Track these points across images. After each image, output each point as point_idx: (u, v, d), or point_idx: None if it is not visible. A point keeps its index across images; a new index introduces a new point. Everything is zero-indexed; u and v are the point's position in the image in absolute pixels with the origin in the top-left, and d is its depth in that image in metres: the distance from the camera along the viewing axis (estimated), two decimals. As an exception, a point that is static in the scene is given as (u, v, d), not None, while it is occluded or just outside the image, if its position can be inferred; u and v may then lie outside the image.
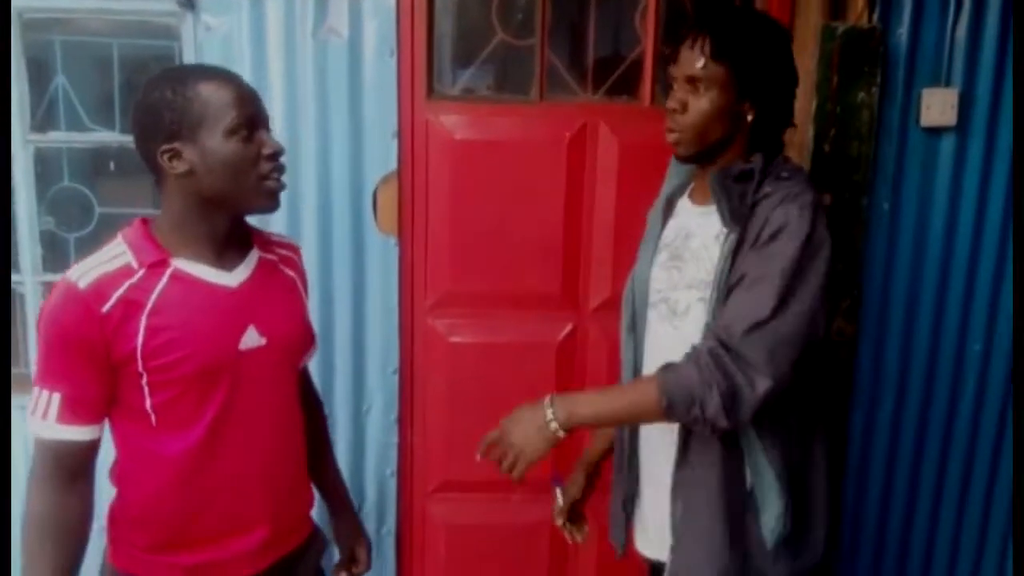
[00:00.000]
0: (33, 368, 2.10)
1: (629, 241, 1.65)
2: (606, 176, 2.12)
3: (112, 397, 1.22)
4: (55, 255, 2.13)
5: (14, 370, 2.15)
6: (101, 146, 2.10)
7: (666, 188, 1.54)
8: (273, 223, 2.04)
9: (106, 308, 1.15)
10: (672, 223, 1.50)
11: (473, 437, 2.23)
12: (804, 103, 2.01)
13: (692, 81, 1.33)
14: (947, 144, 2.09)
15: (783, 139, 1.42)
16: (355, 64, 2.01)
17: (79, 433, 1.20)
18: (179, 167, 1.19)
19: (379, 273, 2.11)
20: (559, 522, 1.69)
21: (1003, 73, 2.07)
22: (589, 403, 1.30)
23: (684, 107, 1.34)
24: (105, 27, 2.10)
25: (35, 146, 2.05)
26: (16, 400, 2.10)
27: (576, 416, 1.28)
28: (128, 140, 2.04)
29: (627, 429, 1.54)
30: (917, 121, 2.06)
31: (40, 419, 1.19)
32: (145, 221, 1.27)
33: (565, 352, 2.22)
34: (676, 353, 1.38)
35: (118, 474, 1.30)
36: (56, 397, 1.18)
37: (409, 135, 2.08)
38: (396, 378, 2.18)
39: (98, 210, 2.16)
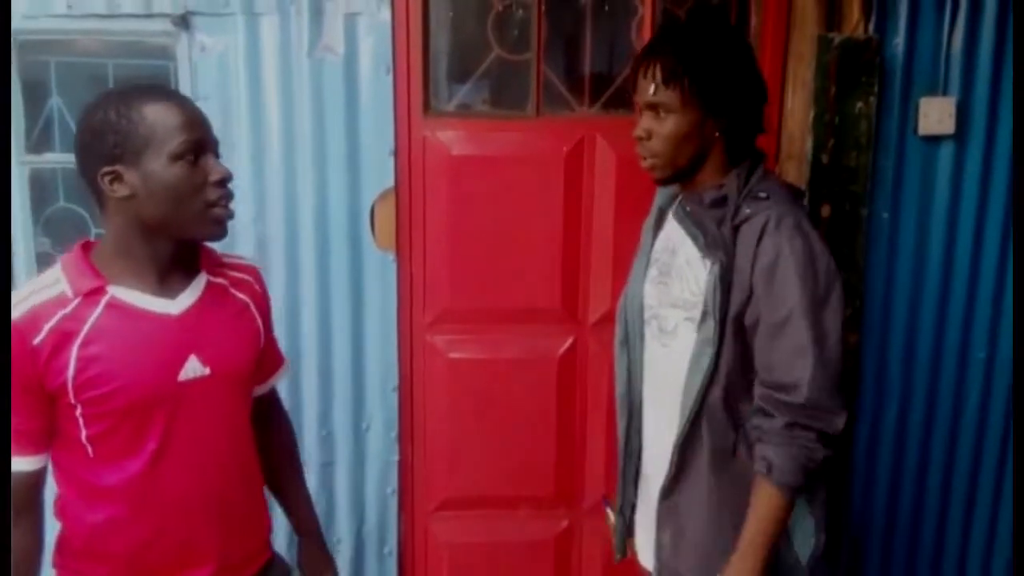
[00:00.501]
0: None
1: (628, 254, 1.63)
2: (604, 190, 2.11)
3: (53, 428, 1.18)
4: (51, 277, 2.11)
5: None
6: (97, 167, 2.09)
7: (659, 199, 1.54)
8: (272, 241, 2.04)
9: (38, 340, 1.11)
10: (661, 235, 1.50)
11: (474, 454, 2.24)
12: (802, 114, 2.01)
13: (652, 108, 1.33)
14: (945, 152, 2.09)
15: (760, 147, 1.42)
16: (351, 82, 2.01)
17: (21, 464, 1.15)
18: (120, 191, 1.14)
19: (378, 290, 2.10)
20: (616, 542, 1.65)
21: (1000, 80, 2.07)
22: (750, 555, 1.27)
23: (649, 134, 1.34)
24: (100, 48, 2.09)
25: (30, 167, 2.04)
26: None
27: (754, 571, 1.27)
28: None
29: (623, 444, 1.54)
30: (915, 130, 2.06)
31: None
32: (86, 246, 1.22)
33: (566, 366, 2.21)
34: (668, 374, 1.41)
35: (60, 507, 1.26)
36: None
37: (406, 152, 2.07)
38: (396, 395, 2.17)
39: (94, 231, 2.14)
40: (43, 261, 2.10)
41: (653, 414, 1.48)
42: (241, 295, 1.32)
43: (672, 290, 1.40)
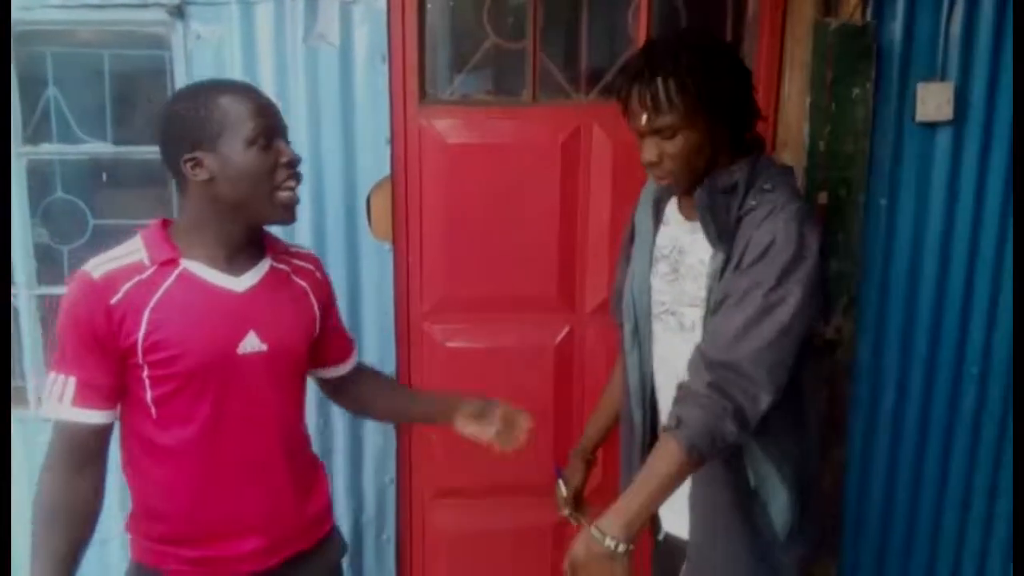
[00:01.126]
0: (29, 380, 2.11)
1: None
2: (600, 178, 2.11)
3: (123, 386, 1.27)
4: (49, 267, 2.12)
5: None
6: (93, 157, 2.09)
7: (652, 191, 1.53)
8: (268, 230, 2.03)
9: (114, 300, 1.22)
10: (664, 231, 1.50)
11: (471, 441, 2.23)
12: (798, 100, 2.00)
13: (656, 132, 1.32)
14: (943, 138, 2.08)
15: (761, 135, 1.43)
16: (347, 70, 2.00)
17: (91, 416, 1.25)
18: (200, 175, 1.24)
19: (374, 279, 2.10)
20: (565, 512, 1.71)
21: (999, 66, 2.05)
22: (633, 506, 1.23)
23: (660, 158, 1.34)
24: (96, 38, 2.10)
25: (28, 158, 2.05)
26: (12, 413, 2.11)
27: (632, 524, 1.22)
28: (120, 151, 2.07)
29: (640, 438, 1.54)
30: (913, 116, 2.05)
31: (56, 402, 1.25)
32: (165, 222, 1.33)
33: (563, 354, 2.21)
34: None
35: (129, 466, 1.35)
36: (71, 381, 1.24)
37: (402, 140, 2.07)
38: (394, 384, 2.17)
39: (92, 221, 2.15)
40: (41, 252, 2.11)
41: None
42: (301, 281, 1.42)
43: (686, 289, 1.42)
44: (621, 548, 1.21)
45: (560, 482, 1.72)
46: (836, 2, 1.98)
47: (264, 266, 1.36)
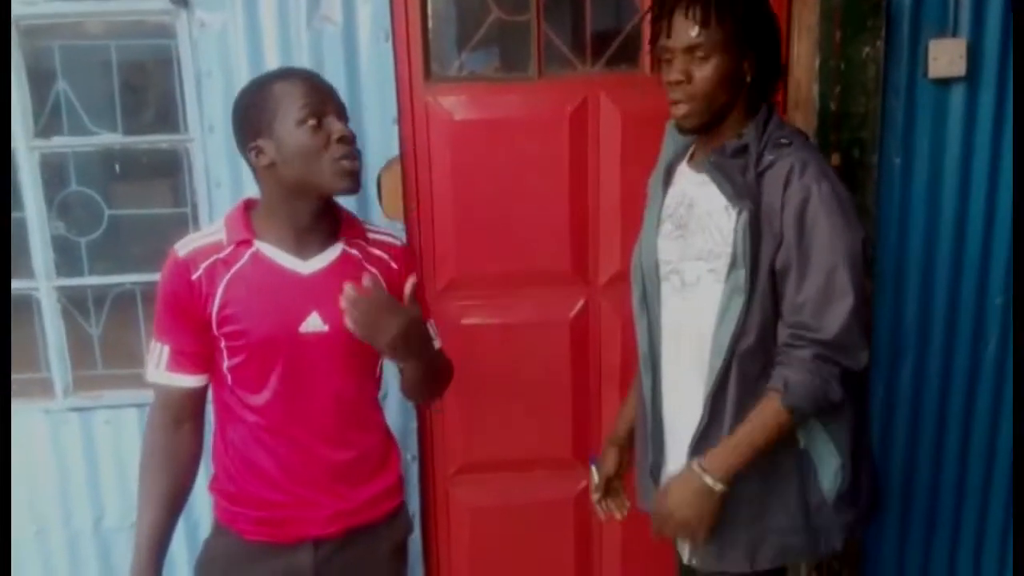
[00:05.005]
0: (54, 371, 2.15)
1: (636, 213, 1.64)
2: (610, 148, 2.10)
3: (211, 354, 1.39)
4: (67, 259, 2.14)
5: (33, 375, 2.18)
6: (106, 149, 2.11)
7: (664, 155, 1.53)
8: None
9: (195, 275, 1.33)
10: (672, 191, 1.49)
11: (491, 417, 2.25)
12: (808, 61, 1.98)
13: (691, 50, 1.32)
14: (957, 95, 2.05)
15: (777, 96, 1.45)
16: (351, 51, 2.00)
17: (184, 380, 1.38)
18: (263, 160, 1.32)
19: (388, 259, 2.11)
20: (595, 498, 1.73)
21: (1011, 21, 2.01)
22: (733, 450, 1.33)
23: (689, 77, 1.33)
24: (102, 29, 2.10)
25: (40, 152, 2.06)
26: (36, 405, 2.15)
27: (732, 468, 1.33)
28: (131, 141, 2.08)
29: (650, 404, 1.54)
30: (925, 73, 2.02)
31: (153, 367, 1.39)
32: (248, 204, 1.42)
33: (578, 328, 2.21)
34: (686, 325, 1.42)
35: (214, 428, 1.47)
36: (165, 349, 1.37)
37: (409, 119, 2.07)
38: (411, 363, 2.18)
39: (107, 212, 2.16)
40: (58, 244, 2.13)
41: (675, 369, 1.49)
42: (372, 268, 1.42)
43: (693, 243, 1.41)
44: (719, 487, 1.32)
45: (593, 468, 1.73)
46: (844, -40, 1.94)
47: (336, 250, 1.41)
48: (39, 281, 2.11)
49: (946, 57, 2.00)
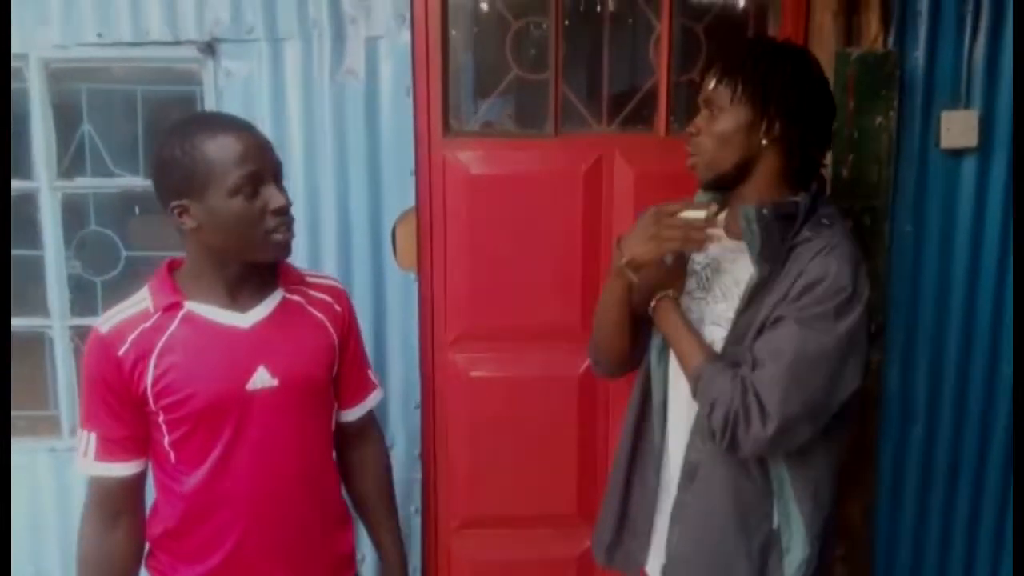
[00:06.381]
0: (64, 409, 2.15)
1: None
2: (623, 207, 2.12)
3: (146, 435, 1.29)
4: (83, 298, 2.16)
5: (41, 412, 2.18)
6: (126, 190, 2.14)
7: None
8: (295, 261, 2.05)
9: (122, 351, 1.23)
10: (700, 254, 1.49)
11: (496, 472, 2.24)
12: (821, 129, 2.00)
13: (707, 104, 1.36)
14: (969, 165, 2.07)
15: (823, 176, 1.41)
16: (372, 104, 2.04)
17: (114, 469, 1.27)
18: (188, 223, 1.24)
19: (399, 309, 2.12)
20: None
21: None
22: (672, 323, 1.39)
23: (699, 130, 1.37)
24: (129, 74, 2.15)
25: (62, 192, 2.10)
26: (43, 443, 2.14)
27: (661, 320, 1.41)
28: (151, 184, 2.11)
29: (655, 446, 1.52)
30: (937, 143, 2.04)
31: (82, 457, 1.28)
32: (172, 265, 1.33)
33: (586, 385, 2.20)
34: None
35: (153, 507, 1.36)
36: (93, 436, 1.26)
37: (426, 172, 2.10)
38: (418, 413, 2.18)
39: (124, 253, 2.19)
40: (75, 283, 2.15)
41: (682, 427, 1.47)
42: (317, 313, 1.39)
43: (715, 308, 1.41)
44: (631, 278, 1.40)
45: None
46: (858, 31, 1.98)
47: (275, 298, 1.34)
48: (53, 319, 2.12)
49: (958, 128, 2.03)
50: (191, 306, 1.28)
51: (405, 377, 2.15)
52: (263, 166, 1.24)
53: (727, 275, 1.40)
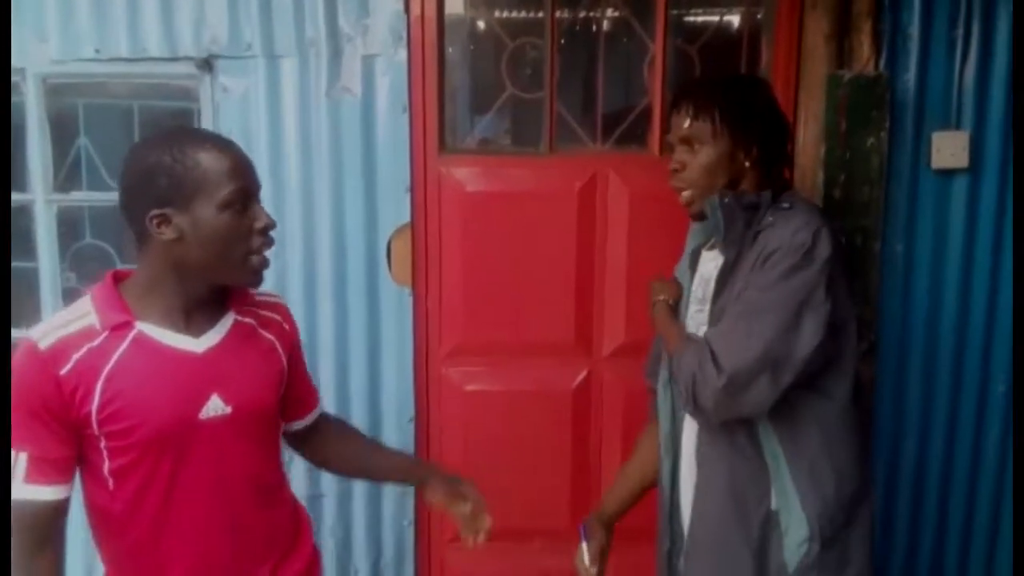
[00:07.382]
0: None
1: (640, 288, 1.67)
2: (617, 224, 2.14)
3: (78, 457, 1.19)
4: (77, 311, 2.16)
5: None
6: (122, 204, 2.14)
7: (690, 243, 1.57)
8: (290, 276, 2.08)
9: (64, 371, 1.13)
10: (698, 273, 1.53)
11: (489, 485, 2.23)
12: (813, 149, 2.02)
13: (685, 141, 1.43)
14: (959, 185, 2.09)
15: (789, 178, 1.49)
16: (368, 121, 2.05)
17: (44, 493, 1.16)
18: (167, 233, 1.15)
19: (394, 323, 2.13)
20: (583, 569, 1.65)
21: (1013, 114, 2.06)
22: (662, 321, 1.51)
23: (683, 165, 1.43)
24: (126, 90, 2.16)
25: (58, 205, 2.10)
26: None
27: (655, 303, 1.54)
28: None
29: (668, 489, 1.54)
30: (928, 164, 2.06)
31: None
32: (117, 277, 1.23)
33: (580, 398, 2.22)
34: None
35: (95, 536, 1.28)
36: (22, 456, 1.14)
37: (422, 188, 2.11)
38: (412, 427, 2.19)
39: (119, 266, 2.19)
40: (69, 295, 2.15)
41: (694, 453, 1.49)
42: (268, 335, 1.33)
43: (706, 311, 1.44)
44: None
45: (583, 546, 1.66)
46: (850, 53, 2.00)
47: (227, 322, 1.27)
48: (48, 332, 2.12)
49: (949, 149, 2.05)
50: (142, 327, 1.18)
51: (399, 391, 2.16)
52: (252, 184, 1.21)
53: (713, 281, 1.44)
